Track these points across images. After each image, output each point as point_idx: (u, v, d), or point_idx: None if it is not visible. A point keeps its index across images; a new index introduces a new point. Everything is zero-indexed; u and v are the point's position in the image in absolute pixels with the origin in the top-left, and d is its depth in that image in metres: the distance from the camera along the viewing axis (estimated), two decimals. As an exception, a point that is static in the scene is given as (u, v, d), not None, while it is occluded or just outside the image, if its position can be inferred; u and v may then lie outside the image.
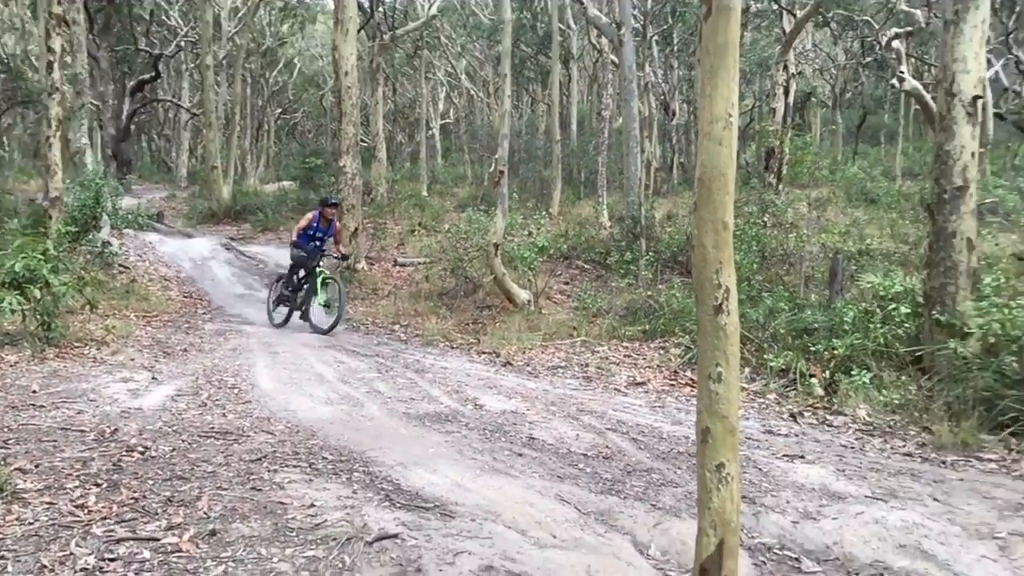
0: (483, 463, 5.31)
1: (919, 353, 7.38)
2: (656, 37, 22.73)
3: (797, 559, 4.11)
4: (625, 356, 9.12)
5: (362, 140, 22.11)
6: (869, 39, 23.30)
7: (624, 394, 7.65)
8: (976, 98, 7.32)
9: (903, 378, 7.12)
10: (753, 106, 24.07)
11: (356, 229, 14.69)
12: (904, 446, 6.01)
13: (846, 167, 22.29)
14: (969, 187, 7.33)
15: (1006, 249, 12.88)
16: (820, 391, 7.33)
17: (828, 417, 6.77)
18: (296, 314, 11.48)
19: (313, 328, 10.99)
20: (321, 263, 11.34)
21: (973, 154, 7.37)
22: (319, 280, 11.20)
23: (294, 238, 11.40)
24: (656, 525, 4.37)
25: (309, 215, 11.53)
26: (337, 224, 11.84)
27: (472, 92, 33.00)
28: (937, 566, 3.98)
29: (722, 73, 2.69)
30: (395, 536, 3.95)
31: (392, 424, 6.33)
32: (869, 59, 26.33)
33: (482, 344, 9.91)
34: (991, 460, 5.63)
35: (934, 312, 7.25)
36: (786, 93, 16.53)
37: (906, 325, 7.64)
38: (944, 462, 5.63)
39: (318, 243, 11.42)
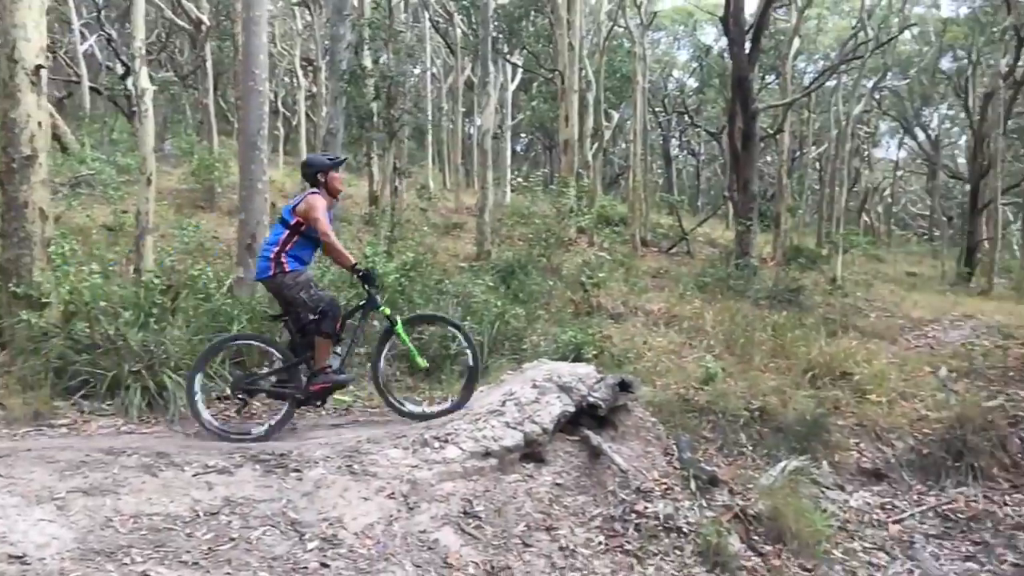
0: None
1: (-4, 328, 7.11)
2: None
3: None
4: None
5: None
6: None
7: None
8: (39, 67, 7.31)
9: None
10: None
11: None
12: (-25, 426, 5.74)
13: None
14: (39, 156, 7.32)
15: (98, 220, 13.42)
16: None
17: None
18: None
19: (414, 415, 5.90)
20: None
21: (40, 123, 7.37)
22: (400, 325, 5.90)
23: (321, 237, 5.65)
24: None
25: (317, 198, 5.68)
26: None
27: None
28: (-8, 541, 3.90)
29: None
30: None
31: None
32: None
33: None
34: (63, 425, 5.81)
35: (11, 284, 7.07)
36: None
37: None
38: (16, 435, 5.57)
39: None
